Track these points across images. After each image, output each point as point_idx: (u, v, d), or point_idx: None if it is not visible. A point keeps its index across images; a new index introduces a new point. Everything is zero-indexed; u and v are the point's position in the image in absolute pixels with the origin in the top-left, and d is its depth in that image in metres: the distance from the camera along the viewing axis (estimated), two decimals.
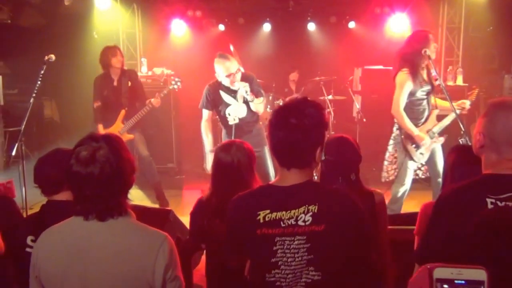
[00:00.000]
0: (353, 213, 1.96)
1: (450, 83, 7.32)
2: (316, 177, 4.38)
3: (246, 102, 4.71)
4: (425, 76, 4.57)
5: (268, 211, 1.91)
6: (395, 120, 4.68)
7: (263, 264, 1.92)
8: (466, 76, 7.45)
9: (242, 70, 4.93)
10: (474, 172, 2.51)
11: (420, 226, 2.68)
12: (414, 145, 4.60)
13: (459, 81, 7.39)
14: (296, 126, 1.90)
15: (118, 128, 5.68)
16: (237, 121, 4.75)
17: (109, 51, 5.66)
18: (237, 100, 4.73)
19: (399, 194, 4.74)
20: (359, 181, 2.77)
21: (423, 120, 4.63)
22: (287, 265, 1.89)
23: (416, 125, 4.58)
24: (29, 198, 4.48)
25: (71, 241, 1.80)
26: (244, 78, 4.72)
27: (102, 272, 1.76)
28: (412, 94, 4.52)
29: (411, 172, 4.71)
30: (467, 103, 4.71)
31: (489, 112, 2.04)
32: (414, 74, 4.47)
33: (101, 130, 5.71)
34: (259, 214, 1.91)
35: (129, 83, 5.75)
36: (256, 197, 2.00)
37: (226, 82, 4.64)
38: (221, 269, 2.69)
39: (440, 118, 4.69)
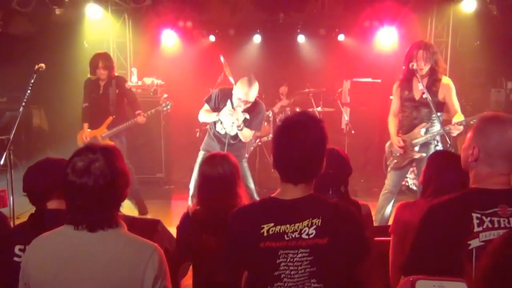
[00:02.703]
0: (355, 226, 2.00)
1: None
2: None
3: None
4: (419, 87, 4.50)
5: (272, 224, 1.91)
6: None
7: (265, 277, 1.92)
8: None
9: (233, 82, 4.90)
10: (457, 178, 2.51)
11: (395, 224, 2.75)
12: (391, 151, 4.79)
13: None
14: (305, 141, 1.92)
15: (101, 132, 5.75)
16: (223, 132, 4.78)
17: (92, 61, 5.72)
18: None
19: (384, 200, 4.79)
20: (347, 192, 2.80)
21: (405, 128, 4.72)
22: (289, 278, 1.90)
23: (397, 132, 4.74)
24: (17, 208, 4.44)
25: (61, 249, 1.81)
26: (254, 107, 4.72)
27: (90, 281, 1.76)
28: (399, 102, 4.74)
29: (391, 176, 4.80)
30: (455, 133, 4.49)
31: (481, 126, 2.04)
32: (401, 84, 4.70)
33: (86, 129, 5.81)
34: (263, 228, 1.91)
35: (117, 91, 5.77)
36: (259, 211, 2.00)
37: (236, 101, 4.66)
38: (208, 284, 2.69)
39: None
